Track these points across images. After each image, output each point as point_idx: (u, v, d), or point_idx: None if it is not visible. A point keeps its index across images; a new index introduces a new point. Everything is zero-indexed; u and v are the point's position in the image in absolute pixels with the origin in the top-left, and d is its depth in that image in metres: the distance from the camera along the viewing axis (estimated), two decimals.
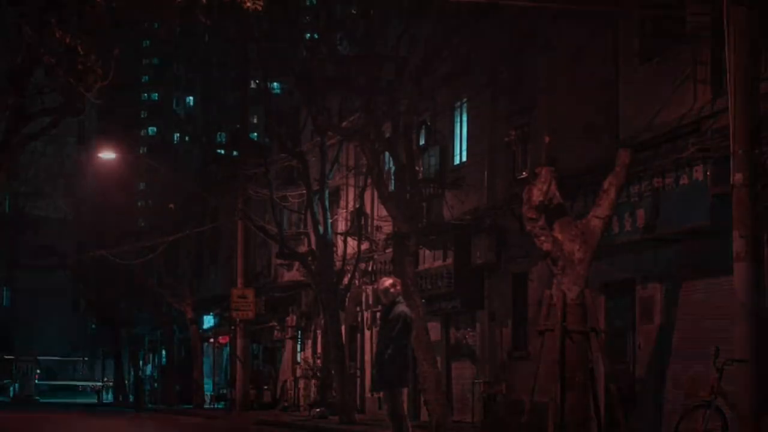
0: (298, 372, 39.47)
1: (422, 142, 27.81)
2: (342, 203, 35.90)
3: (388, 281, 15.09)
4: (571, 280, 17.67)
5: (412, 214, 24.95)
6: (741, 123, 15.29)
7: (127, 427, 30.87)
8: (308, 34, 28.64)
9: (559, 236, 17.87)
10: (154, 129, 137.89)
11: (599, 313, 19.96)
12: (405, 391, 14.89)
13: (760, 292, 15.20)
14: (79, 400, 71.65)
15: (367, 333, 34.05)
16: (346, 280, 30.90)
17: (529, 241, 18.92)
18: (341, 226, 34.95)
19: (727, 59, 15.53)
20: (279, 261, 38.68)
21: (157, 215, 51.09)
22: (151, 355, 65.89)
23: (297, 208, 36.36)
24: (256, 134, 71.17)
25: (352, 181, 34.53)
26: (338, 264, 30.97)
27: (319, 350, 37.50)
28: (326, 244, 29.91)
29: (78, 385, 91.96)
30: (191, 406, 44.61)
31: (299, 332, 40.98)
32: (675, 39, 19.04)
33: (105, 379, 77.30)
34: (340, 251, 33.30)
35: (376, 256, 32.72)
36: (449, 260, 27.45)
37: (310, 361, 37.62)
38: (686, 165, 18.03)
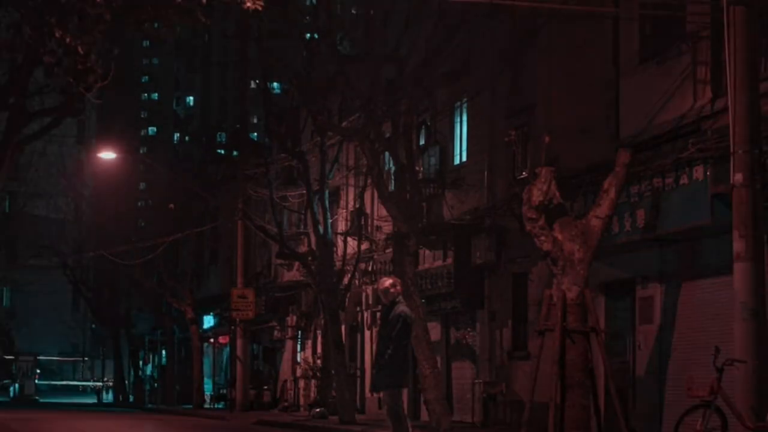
0: (298, 372, 39.46)
1: (422, 142, 27.82)
2: (342, 203, 35.90)
3: (388, 281, 15.10)
4: (571, 280, 17.67)
5: (412, 214, 24.95)
6: (741, 123, 15.29)
7: (127, 427, 30.87)
8: (308, 34, 28.65)
9: (559, 236, 17.87)
10: (154, 129, 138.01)
11: (599, 313, 19.96)
12: (405, 391, 14.90)
13: (760, 292, 15.19)
14: (79, 400, 71.60)
15: (367, 333, 34.05)
16: (346, 280, 30.89)
17: (529, 241, 18.92)
18: (341, 226, 34.95)
19: (727, 59, 15.53)
20: (279, 261, 38.67)
21: (157, 215, 51.09)
22: (151, 355, 65.87)
23: (297, 208, 36.36)
24: (256, 134, 71.21)
25: (352, 181, 34.53)
26: (338, 264, 30.96)
27: (319, 350, 37.49)
28: (326, 244, 29.90)
29: (78, 385, 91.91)
30: (191, 406, 44.61)
31: (299, 332, 40.96)
32: (675, 39, 19.04)
33: (105, 379, 77.25)
34: (340, 251, 33.29)
35: (376, 256, 32.72)
36: (449, 260, 27.45)
37: (310, 361, 37.61)
38: (686, 165, 18.03)
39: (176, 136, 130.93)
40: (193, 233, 42.76)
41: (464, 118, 28.26)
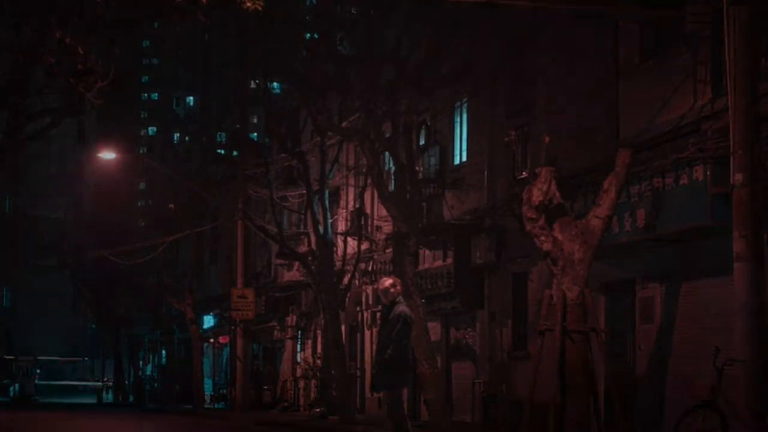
0: (298, 372, 39.48)
1: (422, 142, 27.82)
2: (342, 203, 35.90)
3: (388, 281, 15.09)
4: (571, 280, 17.67)
5: (412, 214, 24.95)
6: (741, 123, 15.29)
7: (127, 427, 30.87)
8: (308, 34, 28.65)
9: (559, 236, 17.87)
10: (154, 129, 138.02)
11: (599, 313, 19.96)
12: (405, 391, 14.90)
13: (760, 292, 15.19)
14: (79, 400, 71.65)
15: (367, 333, 34.05)
16: (346, 280, 30.89)
17: (529, 241, 18.91)
18: (341, 226, 34.96)
19: (727, 59, 15.53)
20: (279, 261, 38.68)
21: (157, 215, 51.13)
22: (151, 355, 65.93)
23: (297, 208, 36.37)
24: (256, 134, 71.19)
25: (352, 181, 34.54)
26: (338, 264, 30.96)
27: (319, 350, 37.50)
28: (326, 244, 29.91)
29: (78, 385, 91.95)
30: (191, 406, 44.62)
31: (299, 332, 40.98)
32: (675, 39, 19.04)
33: (105, 379, 77.34)
34: (340, 251, 33.30)
35: (376, 256, 32.72)
36: (449, 260, 27.44)
37: (310, 361, 37.63)
38: (686, 165, 18.02)
39: (176, 136, 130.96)
40: (193, 233, 42.76)
41: (464, 118, 28.25)
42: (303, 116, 32.28)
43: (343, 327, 31.80)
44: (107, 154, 44.06)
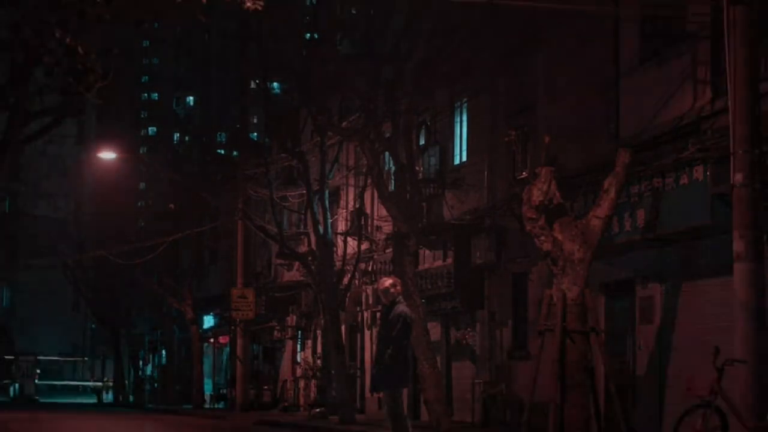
0: (298, 372, 39.48)
1: (422, 142, 27.82)
2: (342, 203, 35.90)
3: (388, 281, 15.10)
4: (571, 280, 17.68)
5: (412, 214, 24.95)
6: (741, 123, 15.28)
7: (127, 427, 30.87)
8: (308, 34, 28.65)
9: (559, 236, 17.88)
10: (154, 129, 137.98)
11: (599, 313, 19.96)
12: (405, 391, 14.90)
13: (760, 292, 15.19)
14: (79, 400, 71.67)
15: (367, 333, 34.06)
16: (346, 280, 30.88)
17: (529, 241, 18.93)
18: (341, 226, 34.95)
19: (727, 59, 15.53)
20: (279, 261, 38.68)
21: (157, 215, 51.13)
22: (151, 355, 65.91)
23: (297, 208, 36.37)
24: (256, 134, 71.17)
25: (352, 181, 34.53)
26: (338, 264, 30.96)
27: (319, 350, 37.50)
28: (326, 244, 29.90)
29: (78, 385, 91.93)
30: (191, 406, 44.61)
31: (299, 332, 40.98)
32: (675, 39, 19.05)
33: (105, 379, 77.33)
34: (340, 251, 33.29)
35: (376, 256, 32.72)
36: (449, 260, 27.45)
37: (310, 361, 37.63)
38: (686, 165, 18.04)
39: (176, 136, 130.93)
40: (193, 233, 42.75)
41: (464, 118, 28.25)
42: (303, 116, 32.25)
43: (343, 327, 31.79)
44: (107, 154, 44.07)
